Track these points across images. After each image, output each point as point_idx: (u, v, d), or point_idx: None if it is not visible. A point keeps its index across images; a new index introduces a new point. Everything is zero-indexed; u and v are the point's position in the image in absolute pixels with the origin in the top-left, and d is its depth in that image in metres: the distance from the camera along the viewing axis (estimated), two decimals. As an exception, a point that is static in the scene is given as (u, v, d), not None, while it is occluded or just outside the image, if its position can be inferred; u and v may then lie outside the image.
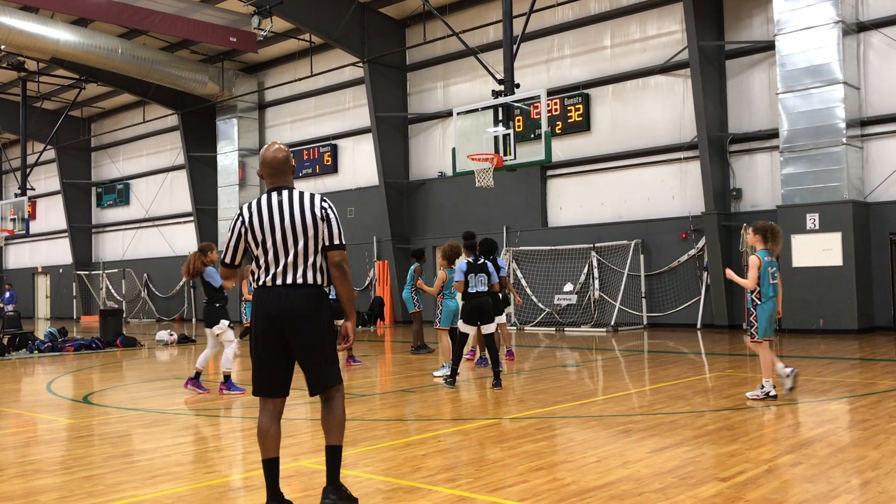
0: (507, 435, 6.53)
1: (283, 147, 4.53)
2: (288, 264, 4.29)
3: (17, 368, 13.75)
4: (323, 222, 4.34)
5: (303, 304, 4.28)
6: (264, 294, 4.30)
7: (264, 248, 4.32)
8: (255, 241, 4.34)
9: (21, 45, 22.90)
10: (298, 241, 4.30)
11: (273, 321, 4.27)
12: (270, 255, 4.31)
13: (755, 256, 7.98)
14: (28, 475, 5.55)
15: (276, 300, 4.27)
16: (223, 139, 28.95)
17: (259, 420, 4.38)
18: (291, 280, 4.28)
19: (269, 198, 4.39)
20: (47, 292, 39.32)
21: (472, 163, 14.84)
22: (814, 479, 4.88)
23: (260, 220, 4.34)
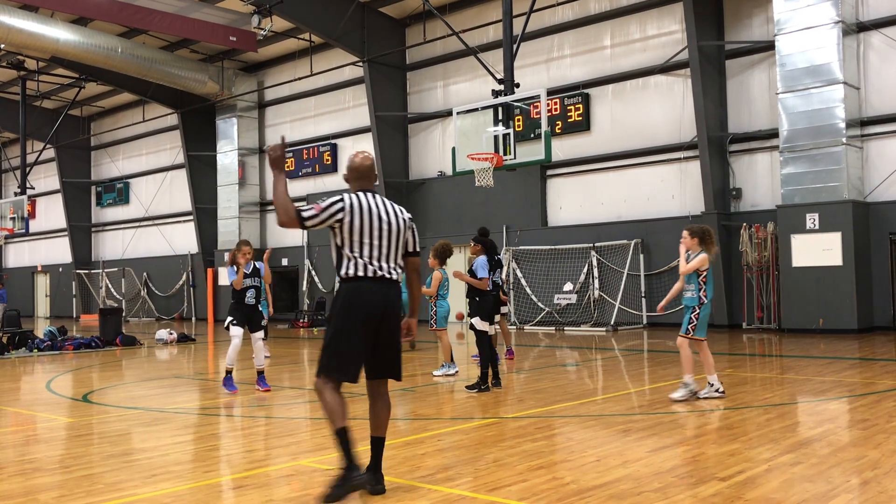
0: (506, 434, 6.53)
1: (370, 155, 4.94)
2: (385, 261, 4.67)
3: (16, 367, 13.75)
4: (409, 230, 4.82)
5: (395, 298, 4.71)
6: (366, 285, 4.61)
7: (364, 241, 4.62)
8: (356, 231, 4.61)
9: (21, 43, 22.90)
10: (392, 241, 4.70)
11: (374, 312, 4.60)
12: (370, 250, 4.63)
13: (704, 255, 7.99)
14: (27, 474, 5.54)
15: (378, 293, 4.62)
16: (223, 138, 28.94)
17: (332, 397, 4.64)
18: (388, 276, 4.66)
19: (366, 197, 4.71)
20: (47, 291, 39.31)
21: (471, 162, 14.84)
22: (813, 478, 4.88)
23: (361, 214, 4.62)
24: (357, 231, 4.60)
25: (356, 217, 4.60)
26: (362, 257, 4.62)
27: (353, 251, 4.62)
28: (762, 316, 17.67)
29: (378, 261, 4.63)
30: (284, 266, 28.13)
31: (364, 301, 4.59)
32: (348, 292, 4.61)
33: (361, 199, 4.67)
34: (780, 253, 16.67)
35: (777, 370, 10.76)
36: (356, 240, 4.61)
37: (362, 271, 4.60)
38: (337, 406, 4.60)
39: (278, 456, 5.99)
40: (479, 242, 10.39)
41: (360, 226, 4.61)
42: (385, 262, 4.66)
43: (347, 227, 4.60)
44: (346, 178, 4.89)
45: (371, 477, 4.70)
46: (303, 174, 27.24)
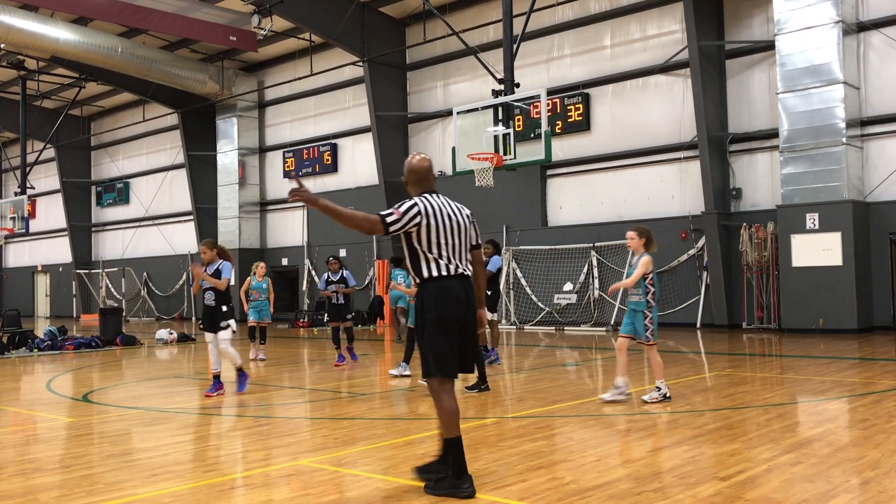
0: (506, 434, 6.53)
1: (427, 157, 5.13)
2: (460, 258, 4.88)
3: (16, 367, 13.75)
4: (472, 225, 5.02)
5: (472, 293, 4.89)
6: (451, 283, 4.79)
7: (442, 242, 4.80)
8: (433, 233, 4.79)
9: (21, 43, 22.90)
10: (462, 238, 4.90)
11: (461, 307, 4.79)
12: (448, 250, 4.82)
13: (648, 257, 7.85)
14: (27, 473, 5.54)
15: (462, 289, 4.82)
16: (223, 138, 28.94)
17: (449, 402, 4.71)
18: (465, 272, 4.89)
19: (434, 199, 4.91)
20: (47, 291, 39.31)
21: (471, 162, 14.85)
22: (813, 478, 4.88)
23: (436, 216, 4.81)
24: (434, 232, 4.79)
25: (432, 219, 4.79)
26: (442, 257, 4.80)
27: (432, 252, 4.79)
28: (762, 316, 17.67)
29: (455, 258, 4.84)
30: (284, 266, 28.14)
31: (452, 298, 4.77)
32: (438, 291, 4.77)
33: (432, 202, 4.87)
34: (780, 253, 16.67)
35: (777, 370, 10.77)
36: (434, 240, 4.79)
37: (445, 270, 4.79)
38: (453, 411, 4.71)
39: (278, 456, 5.99)
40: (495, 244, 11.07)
41: (436, 227, 4.79)
42: (460, 258, 4.87)
43: (425, 229, 4.78)
44: (406, 181, 5.08)
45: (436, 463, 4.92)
46: (303, 174, 27.22)
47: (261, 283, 13.71)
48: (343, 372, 11.69)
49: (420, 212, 4.78)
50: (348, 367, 11.97)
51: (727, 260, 18.10)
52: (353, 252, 25.53)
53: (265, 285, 13.76)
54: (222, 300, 9.34)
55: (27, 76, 30.16)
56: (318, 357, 13.98)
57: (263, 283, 13.75)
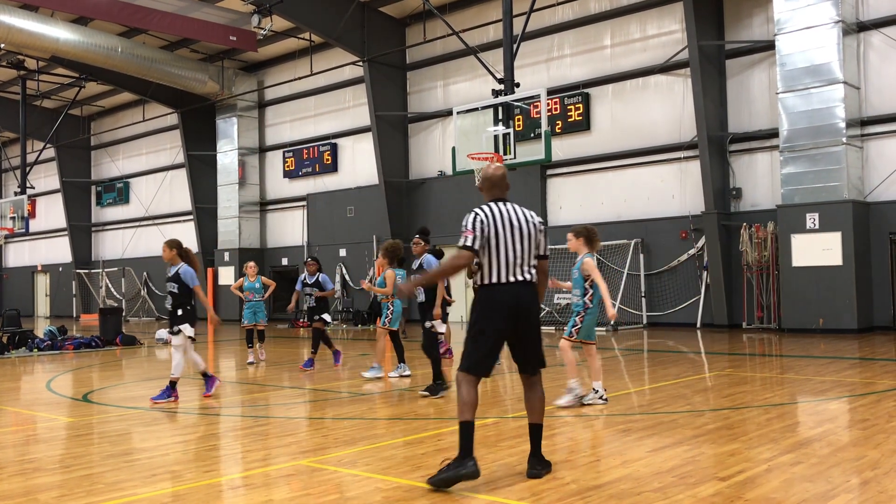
0: (506, 434, 6.53)
1: (502, 166, 5.42)
2: (518, 265, 5.01)
3: (16, 367, 13.75)
4: (540, 234, 5.16)
5: (531, 297, 5.06)
6: (500, 289, 4.98)
7: (500, 248, 4.98)
8: (491, 239, 4.99)
9: (21, 43, 22.90)
10: (525, 246, 5.05)
11: (510, 311, 4.95)
12: (504, 256, 4.98)
13: (590, 259, 7.74)
14: (27, 473, 5.54)
15: (510, 295, 4.96)
16: (223, 138, 28.94)
17: (468, 392, 4.92)
18: (522, 278, 5.01)
19: (499, 207, 5.10)
20: (47, 291, 39.31)
21: (472, 162, 14.85)
22: (813, 478, 4.88)
23: (495, 223, 5.00)
24: (497, 238, 4.98)
25: (490, 227, 4.98)
26: (497, 264, 4.98)
27: (488, 258, 4.99)
28: (762, 316, 17.67)
29: (511, 265, 4.98)
30: (284, 266, 28.14)
31: (499, 305, 4.96)
32: (484, 298, 5.02)
33: (494, 209, 5.06)
34: (780, 253, 16.67)
35: (777, 370, 10.77)
36: (495, 247, 4.98)
37: (496, 277, 4.98)
38: (469, 400, 4.90)
39: (278, 456, 5.99)
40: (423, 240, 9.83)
41: (494, 234, 4.98)
42: (517, 265, 5.00)
43: (491, 233, 4.99)
44: (480, 188, 5.29)
45: (531, 460, 5.12)
46: (303, 174, 27.24)
47: (253, 284, 13.29)
48: (343, 372, 11.69)
49: (482, 219, 5.00)
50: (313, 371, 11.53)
51: (727, 260, 18.10)
52: (352, 252, 25.54)
53: (258, 285, 13.33)
54: (178, 303, 8.85)
55: (27, 76, 30.16)
56: (318, 357, 13.95)
57: (256, 284, 13.31)
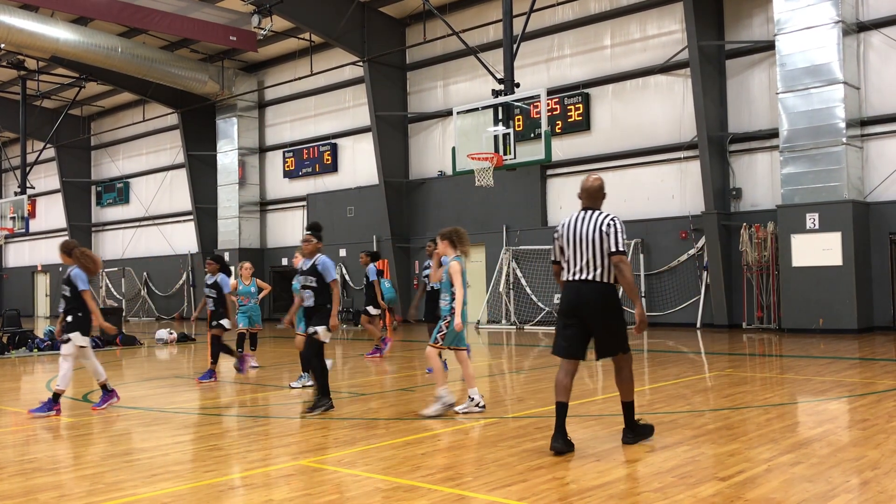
0: (506, 434, 6.53)
1: (600, 178, 6.09)
2: (583, 264, 5.75)
3: (16, 367, 13.75)
4: (605, 235, 5.70)
5: (591, 293, 5.73)
6: (567, 286, 5.84)
7: (567, 251, 5.84)
8: (562, 245, 5.90)
9: (21, 43, 22.90)
10: (588, 248, 5.73)
11: (571, 305, 5.79)
12: (571, 258, 5.81)
13: (456, 262, 7.45)
14: (27, 474, 5.54)
15: (573, 291, 5.79)
16: (223, 138, 28.94)
17: (557, 374, 5.82)
18: (581, 277, 5.76)
19: (577, 216, 5.89)
20: (47, 291, 39.30)
21: (471, 162, 14.84)
22: (813, 478, 4.88)
23: (566, 230, 5.87)
24: (564, 243, 5.87)
25: (562, 236, 5.88)
26: (567, 265, 5.85)
27: (563, 261, 5.90)
28: (762, 316, 17.67)
29: (575, 266, 5.78)
30: (284, 266, 28.13)
31: (566, 299, 5.83)
32: (562, 294, 5.91)
33: (568, 220, 5.91)
34: (780, 253, 16.66)
35: (777, 370, 10.76)
36: (563, 251, 5.88)
37: (566, 276, 5.86)
38: (559, 383, 5.77)
39: (278, 456, 5.99)
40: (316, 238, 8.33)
41: (564, 240, 5.86)
42: (583, 266, 5.75)
43: (559, 241, 5.92)
44: (579, 196, 6.04)
45: (624, 432, 6.00)
46: (303, 174, 27.24)
47: (248, 287, 12.58)
48: (342, 372, 11.69)
49: (557, 231, 5.95)
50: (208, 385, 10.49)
51: (727, 260, 18.10)
52: (352, 252, 25.53)
53: (253, 288, 12.61)
54: (68, 309, 8.52)
55: (27, 76, 30.16)
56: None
57: (252, 287, 12.60)
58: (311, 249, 8.13)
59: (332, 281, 7.96)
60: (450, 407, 7.46)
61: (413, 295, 24.17)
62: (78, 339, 8.30)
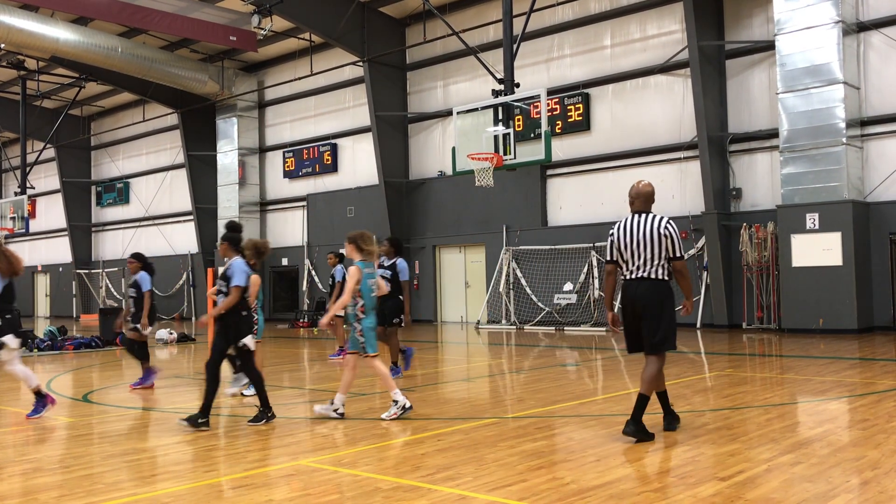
0: (506, 434, 6.53)
1: (650, 183, 6.44)
2: (639, 265, 6.16)
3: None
4: (665, 239, 6.11)
5: (647, 291, 6.14)
6: (627, 285, 6.26)
7: (625, 252, 6.22)
8: (618, 247, 6.26)
9: (21, 43, 22.90)
10: (648, 249, 6.13)
11: (630, 302, 6.23)
12: (628, 258, 6.20)
13: (355, 268, 7.32)
14: (27, 474, 5.54)
15: (632, 289, 6.21)
16: (223, 138, 28.94)
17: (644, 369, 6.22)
18: (638, 276, 6.17)
19: (633, 218, 6.26)
20: (47, 291, 39.31)
21: (471, 162, 14.84)
22: (813, 478, 4.88)
23: (622, 233, 6.24)
24: (619, 246, 6.26)
25: (618, 238, 6.25)
26: (625, 265, 6.26)
27: (620, 261, 6.28)
28: (762, 316, 17.67)
29: (634, 266, 6.18)
30: (284, 266, 28.14)
31: (626, 296, 6.27)
32: (622, 292, 6.31)
33: (626, 221, 6.27)
34: (780, 253, 16.66)
35: (777, 370, 10.76)
36: (620, 251, 6.26)
37: (623, 274, 6.29)
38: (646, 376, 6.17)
39: (278, 456, 5.99)
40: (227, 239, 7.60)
41: (618, 242, 6.27)
42: (639, 264, 6.16)
43: (616, 245, 6.29)
44: (630, 202, 6.37)
45: (666, 418, 6.43)
46: (303, 174, 27.24)
47: None
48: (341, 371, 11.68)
49: (612, 232, 6.32)
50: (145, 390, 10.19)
51: (727, 260, 18.10)
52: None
53: None
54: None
55: (27, 76, 30.16)
56: (318, 357, 13.97)
57: None
58: (223, 251, 7.51)
59: (235, 287, 7.16)
60: (406, 409, 7.33)
61: (412, 295, 24.19)
62: (11, 341, 8.29)
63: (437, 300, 23.93)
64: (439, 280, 23.98)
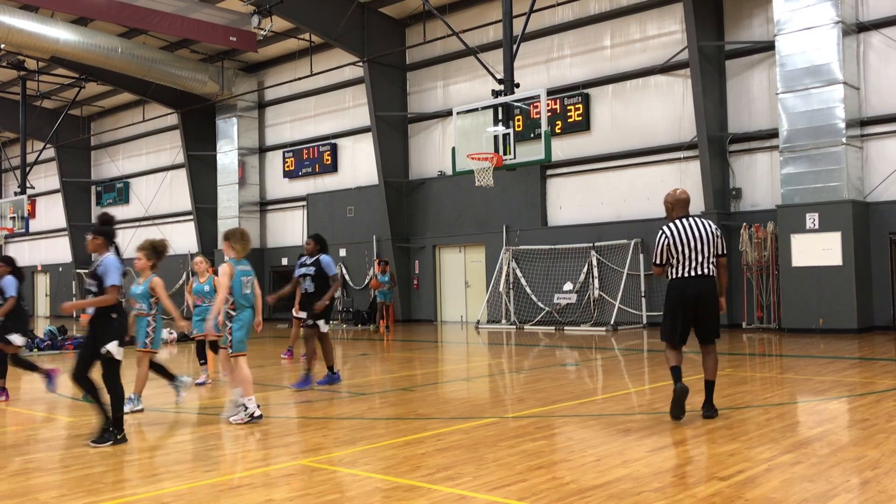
0: (506, 434, 6.53)
1: (685, 191, 7.14)
2: (699, 263, 6.82)
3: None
4: (718, 239, 6.89)
5: (707, 286, 6.85)
6: (686, 282, 6.85)
7: (682, 254, 6.83)
8: (673, 248, 6.86)
9: (21, 43, 22.89)
10: (703, 249, 6.82)
11: (691, 297, 6.83)
12: (685, 258, 6.82)
13: (226, 265, 7.42)
14: (27, 474, 5.55)
15: (693, 286, 6.83)
16: (223, 138, 28.94)
17: (669, 353, 6.96)
18: (699, 273, 6.82)
19: (683, 222, 6.92)
20: (47, 291, 39.31)
21: (471, 162, 14.84)
22: (813, 478, 4.88)
23: (678, 236, 6.86)
24: (673, 247, 6.85)
25: (672, 240, 6.85)
26: (678, 264, 6.86)
27: (673, 261, 6.88)
28: (762, 316, 17.67)
29: (691, 264, 6.81)
30: (284, 266, 28.14)
31: (680, 293, 6.86)
32: (672, 288, 6.93)
33: (677, 224, 6.92)
34: (780, 253, 16.67)
35: (777, 370, 10.77)
36: (673, 253, 6.85)
37: (680, 273, 6.87)
38: (671, 356, 6.93)
39: (278, 456, 6.00)
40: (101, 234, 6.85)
41: (674, 243, 6.84)
42: (698, 262, 6.81)
43: (668, 246, 6.87)
44: (669, 209, 7.04)
45: (705, 406, 6.96)
46: (303, 174, 27.23)
47: (202, 286, 11.02)
48: (342, 371, 11.69)
49: (666, 235, 6.90)
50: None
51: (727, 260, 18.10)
52: (352, 252, 25.55)
53: (208, 287, 10.93)
54: None
55: (27, 76, 30.15)
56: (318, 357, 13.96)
57: (206, 286, 10.96)
58: (93, 248, 6.81)
59: (111, 287, 6.52)
60: (258, 419, 7.31)
61: (412, 295, 24.20)
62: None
63: (437, 300, 23.93)
64: (439, 280, 23.98)
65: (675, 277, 6.87)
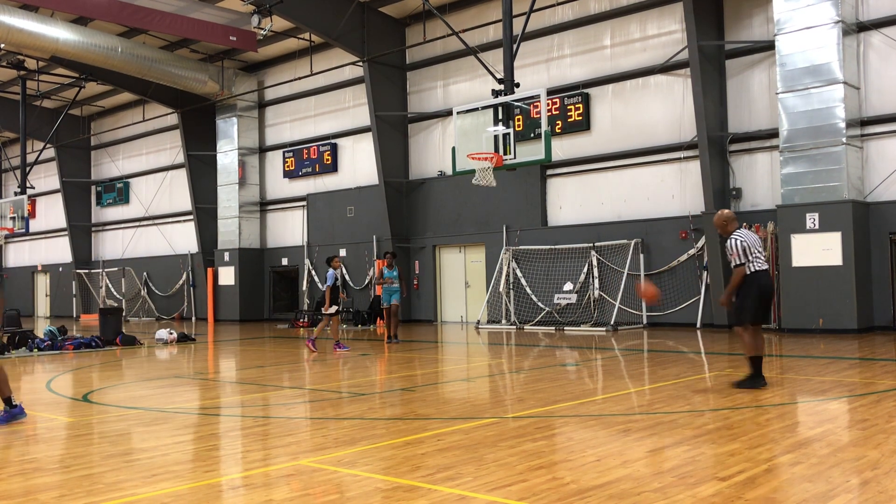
0: (506, 434, 6.53)
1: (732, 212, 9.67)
2: (763, 261, 8.74)
3: (16, 367, 13.74)
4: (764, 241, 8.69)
5: (772, 279, 8.86)
6: (761, 274, 8.71)
7: (752, 253, 8.69)
8: (749, 249, 8.69)
9: (21, 43, 22.90)
10: (762, 250, 8.82)
11: (768, 286, 8.82)
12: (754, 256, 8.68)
13: None
14: (27, 473, 5.54)
15: (767, 276, 8.79)
16: (223, 138, 28.94)
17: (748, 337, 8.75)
18: (766, 268, 8.79)
19: (745, 230, 8.87)
20: (47, 291, 39.32)
21: (471, 162, 14.83)
22: (813, 478, 4.88)
23: (750, 241, 8.75)
24: (749, 249, 8.70)
25: (749, 243, 8.72)
26: (755, 261, 8.68)
27: (749, 259, 8.65)
28: (762, 316, 17.65)
29: (758, 261, 8.69)
30: (284, 266, 28.15)
31: (760, 283, 8.67)
32: (751, 280, 8.62)
33: (743, 233, 8.81)
34: (780, 253, 16.67)
35: (777, 370, 10.76)
36: (749, 252, 8.66)
37: (754, 268, 8.67)
38: (751, 342, 8.73)
39: (278, 456, 5.99)
40: None
41: (751, 246, 8.71)
42: (763, 260, 8.74)
43: (749, 248, 8.69)
44: (724, 225, 8.95)
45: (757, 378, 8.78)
46: (303, 174, 27.24)
47: None
48: (342, 371, 11.69)
49: (742, 239, 8.70)
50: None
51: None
52: (352, 252, 25.55)
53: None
54: None
55: (27, 76, 30.16)
56: (318, 357, 13.97)
57: None
58: None
59: None
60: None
61: (412, 295, 24.19)
62: None
63: (437, 300, 23.93)
64: (439, 280, 23.98)
65: (751, 272, 8.64)
